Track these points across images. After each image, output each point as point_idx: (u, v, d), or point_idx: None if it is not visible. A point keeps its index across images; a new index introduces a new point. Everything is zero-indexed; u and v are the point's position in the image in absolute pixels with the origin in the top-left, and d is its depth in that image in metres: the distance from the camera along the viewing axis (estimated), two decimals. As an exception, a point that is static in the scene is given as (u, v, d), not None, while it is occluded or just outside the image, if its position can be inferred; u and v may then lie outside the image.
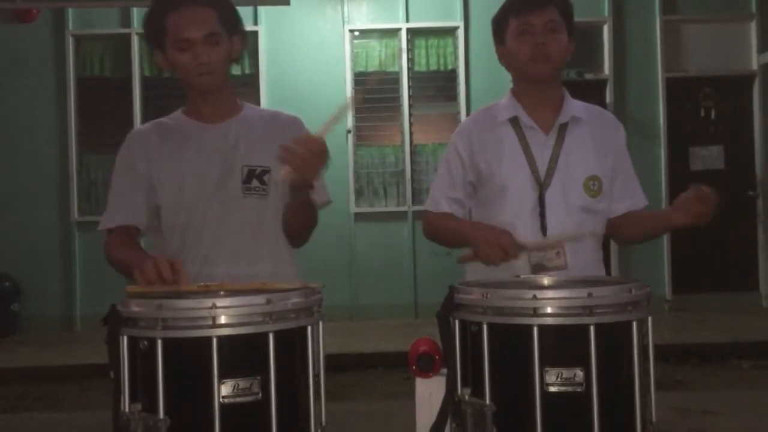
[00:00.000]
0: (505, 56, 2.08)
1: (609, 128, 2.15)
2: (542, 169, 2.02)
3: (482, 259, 1.86)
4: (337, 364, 4.78)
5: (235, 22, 2.03)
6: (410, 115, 7.53)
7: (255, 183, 1.97)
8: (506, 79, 2.18)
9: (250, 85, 7.50)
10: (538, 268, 1.95)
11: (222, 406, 1.39)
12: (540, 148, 2.04)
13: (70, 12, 7.41)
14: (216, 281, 1.75)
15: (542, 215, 2.00)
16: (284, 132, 1.99)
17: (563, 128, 2.06)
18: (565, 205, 2.01)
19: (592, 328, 1.46)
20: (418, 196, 7.44)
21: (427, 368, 1.69)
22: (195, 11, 1.91)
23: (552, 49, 2.01)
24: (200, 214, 1.95)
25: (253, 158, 1.98)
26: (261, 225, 1.99)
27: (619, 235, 2.20)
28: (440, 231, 2.10)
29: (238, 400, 1.40)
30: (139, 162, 1.99)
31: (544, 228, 2.00)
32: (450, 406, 1.57)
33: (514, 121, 2.07)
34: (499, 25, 2.08)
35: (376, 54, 7.62)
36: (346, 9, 7.53)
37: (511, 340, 1.50)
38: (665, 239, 7.51)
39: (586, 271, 1.96)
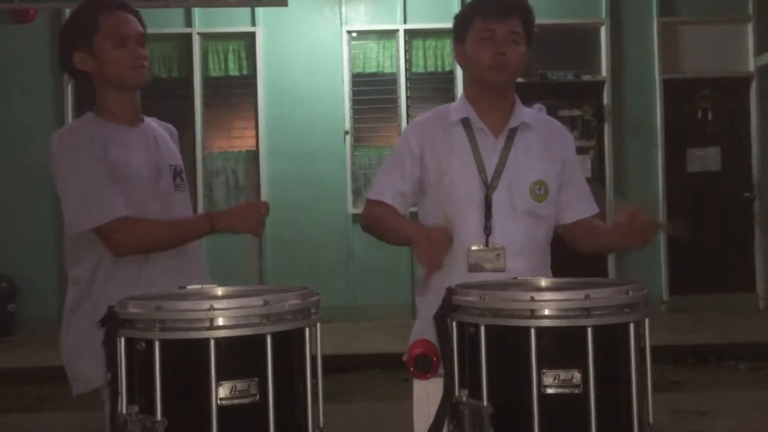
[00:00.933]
0: (463, 58, 2.12)
1: (557, 135, 2.19)
2: (490, 171, 2.06)
3: (422, 258, 1.87)
4: (334, 365, 4.78)
5: (145, 26, 2.14)
6: (408, 116, 7.53)
7: (178, 180, 2.11)
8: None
9: (247, 86, 7.50)
10: (476, 269, 2.00)
11: (219, 407, 1.39)
12: (489, 150, 2.08)
13: (67, 12, 7.40)
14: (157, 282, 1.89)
15: (487, 217, 2.03)
16: (173, 137, 2.21)
17: (512, 132, 2.10)
18: (510, 208, 2.05)
19: (589, 329, 1.46)
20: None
21: (425, 370, 1.69)
22: (127, 15, 2.05)
23: (511, 59, 2.05)
24: (143, 213, 2.01)
25: (172, 158, 2.13)
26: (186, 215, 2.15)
27: (574, 245, 2.20)
28: (379, 224, 2.10)
29: (236, 401, 1.40)
30: (102, 157, 2.00)
31: (488, 229, 2.03)
32: (448, 407, 1.57)
33: (465, 122, 2.10)
34: (461, 25, 2.11)
35: (373, 55, 7.62)
36: (343, 10, 7.53)
37: (509, 341, 1.50)
38: (662, 240, 7.52)
39: (528, 275, 1.94)
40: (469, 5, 2.13)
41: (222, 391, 1.39)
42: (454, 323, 1.58)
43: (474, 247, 2.02)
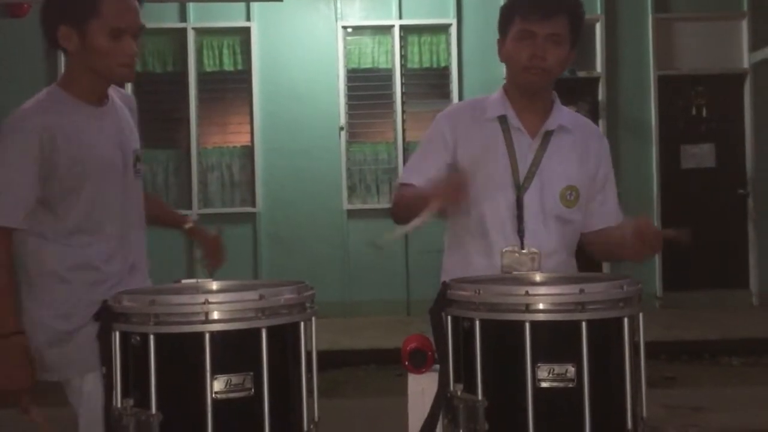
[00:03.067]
0: (503, 54, 2.06)
1: (593, 140, 2.13)
2: (522, 172, 2.01)
3: (444, 201, 1.82)
4: (329, 360, 4.78)
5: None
6: (403, 112, 7.53)
7: (138, 166, 2.03)
8: (499, 76, 2.16)
9: (242, 81, 7.48)
10: (509, 270, 1.94)
11: (214, 401, 1.39)
12: (523, 151, 2.02)
13: (62, 7, 7.37)
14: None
15: (519, 218, 1.98)
16: (132, 112, 2.09)
17: (548, 135, 2.05)
18: (541, 211, 2.00)
19: (583, 324, 1.46)
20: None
21: (420, 364, 1.70)
22: (132, 2, 1.92)
23: (549, 62, 1.98)
24: (107, 201, 1.92)
25: (135, 141, 2.04)
26: (141, 204, 2.07)
27: (591, 251, 2.16)
28: (402, 200, 2.03)
29: (231, 395, 1.40)
30: (45, 146, 1.85)
31: (521, 231, 1.98)
32: (442, 401, 1.57)
33: (502, 120, 2.05)
34: (504, 20, 2.05)
35: (369, 51, 7.61)
36: (339, 5, 7.52)
37: (504, 336, 1.50)
38: (656, 237, 7.53)
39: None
40: (513, 1, 2.05)
41: (217, 385, 1.39)
42: (449, 317, 1.58)
43: (508, 249, 1.96)
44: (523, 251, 1.96)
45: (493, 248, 1.97)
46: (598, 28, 7.61)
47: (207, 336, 1.39)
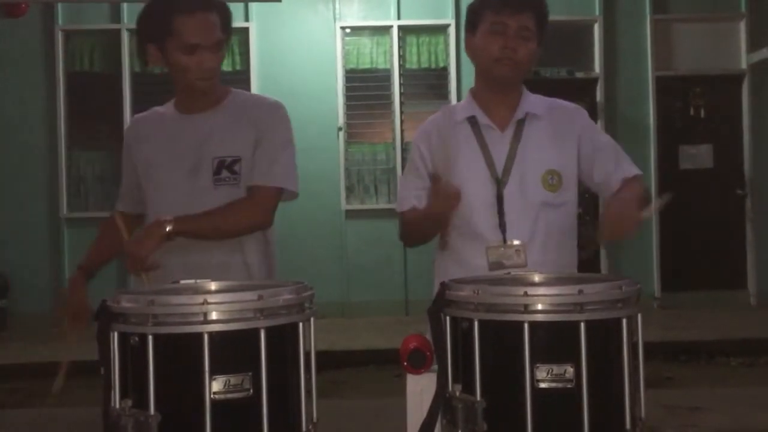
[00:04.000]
0: (472, 49, 2.09)
1: (567, 117, 2.12)
2: (499, 166, 2.03)
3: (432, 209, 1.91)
4: (327, 361, 4.78)
5: (230, 26, 2.09)
6: (401, 112, 7.54)
7: (225, 173, 2.01)
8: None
9: (241, 81, 7.47)
10: (496, 266, 1.97)
11: (213, 402, 1.39)
12: (497, 146, 2.05)
13: (60, 7, 7.37)
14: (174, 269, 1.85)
15: (500, 213, 2.00)
16: (260, 118, 2.06)
17: (520, 124, 2.07)
18: (523, 201, 2.02)
19: (582, 324, 1.46)
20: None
21: (419, 365, 1.69)
22: (205, 17, 1.96)
23: (520, 55, 2.02)
24: (168, 203, 2.00)
25: (225, 148, 2.02)
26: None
27: None
28: (410, 226, 2.11)
29: (230, 396, 1.40)
30: (130, 147, 2.16)
31: (503, 225, 2.00)
32: (441, 402, 1.57)
33: (472, 121, 2.08)
34: (474, 14, 2.08)
35: (367, 51, 7.61)
36: (337, 6, 7.52)
37: (502, 336, 1.50)
38: (654, 237, 7.55)
39: (552, 267, 1.96)
40: None
41: (215, 386, 1.39)
42: (447, 318, 1.58)
43: (492, 245, 1.99)
44: (507, 245, 1.98)
45: (479, 246, 2.01)
46: (597, 29, 7.62)
47: (206, 336, 1.39)
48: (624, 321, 1.51)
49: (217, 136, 2.04)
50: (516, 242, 1.98)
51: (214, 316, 1.40)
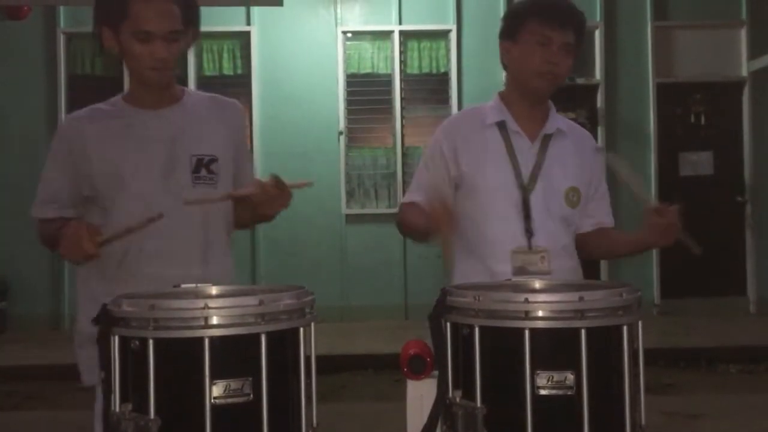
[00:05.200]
0: (511, 57, 2.07)
1: (588, 145, 2.18)
2: (526, 174, 2.04)
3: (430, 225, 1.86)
4: (327, 365, 4.77)
5: (196, 17, 2.00)
6: (402, 117, 7.54)
7: (203, 172, 1.95)
8: (499, 82, 2.19)
9: (242, 85, 7.49)
10: (520, 272, 1.97)
11: (213, 406, 1.38)
12: (525, 154, 2.06)
13: (62, 10, 7.39)
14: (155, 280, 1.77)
15: (527, 217, 2.01)
16: (229, 118, 2.05)
17: (547, 138, 2.09)
18: (545, 212, 2.03)
19: (583, 331, 1.46)
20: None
21: (419, 370, 1.70)
22: (163, 5, 1.89)
23: (561, 70, 2.04)
24: (146, 205, 1.88)
25: (200, 147, 1.97)
26: (212, 215, 1.97)
27: (586, 252, 2.16)
28: (404, 222, 2.10)
29: (230, 400, 1.40)
30: (71, 150, 1.97)
31: (529, 231, 2.01)
32: (441, 408, 1.57)
33: (501, 125, 2.08)
34: (516, 20, 2.05)
35: (368, 56, 7.63)
36: (339, 10, 7.54)
37: (503, 343, 1.50)
38: (654, 244, 7.54)
39: (570, 276, 2.00)
40: (525, 4, 2.06)
41: (216, 390, 1.39)
42: (448, 324, 1.58)
43: (516, 250, 1.99)
44: (532, 250, 1.98)
45: (502, 250, 2.00)
46: (597, 36, 7.64)
47: (206, 341, 1.39)
48: (625, 328, 1.51)
49: (191, 133, 1.97)
50: (542, 247, 1.98)
51: (214, 320, 1.40)
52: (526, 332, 1.46)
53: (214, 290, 1.63)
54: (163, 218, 1.79)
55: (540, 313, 1.48)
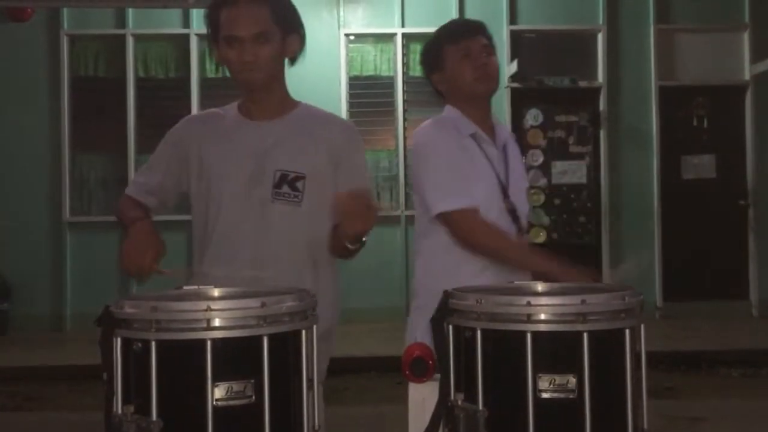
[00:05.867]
0: (444, 81, 2.23)
1: (515, 144, 2.36)
2: (503, 180, 2.19)
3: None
4: (328, 367, 4.77)
5: (292, 21, 2.02)
6: (404, 119, 7.55)
7: (285, 188, 1.92)
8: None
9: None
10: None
11: (215, 408, 1.38)
12: (496, 161, 2.20)
13: (65, 12, 7.40)
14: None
15: (515, 219, 2.17)
16: (332, 137, 1.99)
17: (504, 145, 2.25)
18: (523, 213, 2.21)
19: (585, 335, 1.46)
20: (411, 200, 7.45)
21: (421, 373, 1.70)
22: (248, 8, 1.91)
23: (492, 68, 2.19)
24: (223, 212, 1.93)
25: (289, 162, 1.93)
26: (289, 232, 1.93)
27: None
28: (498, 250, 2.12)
29: (232, 402, 1.40)
30: (178, 144, 2.04)
31: (521, 230, 2.17)
32: (443, 411, 1.57)
33: (475, 137, 2.20)
34: (434, 54, 2.24)
35: (371, 58, 7.63)
36: (342, 13, 7.54)
37: (505, 346, 1.50)
38: (656, 246, 7.54)
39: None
40: (435, 37, 2.26)
41: (218, 392, 1.39)
42: (450, 327, 1.58)
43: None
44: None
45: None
46: (600, 39, 7.64)
47: (209, 343, 1.39)
48: (627, 331, 1.51)
49: (282, 148, 1.95)
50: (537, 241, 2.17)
51: (217, 322, 1.40)
52: (528, 335, 1.46)
53: (216, 292, 1.63)
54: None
55: (542, 316, 1.48)
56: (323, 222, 1.92)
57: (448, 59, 2.20)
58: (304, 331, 1.50)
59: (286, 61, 2.03)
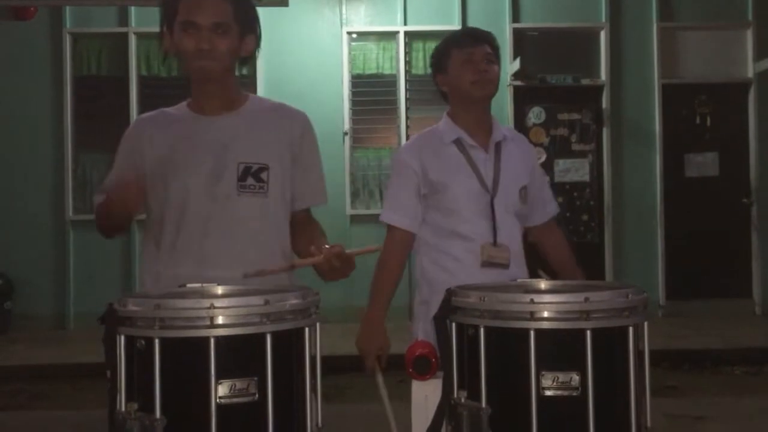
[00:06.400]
0: (447, 83, 2.40)
1: (527, 147, 2.53)
2: (488, 180, 2.34)
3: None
4: (330, 365, 4.76)
5: (251, 21, 1.99)
6: (407, 117, 7.54)
7: (250, 180, 1.92)
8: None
9: (247, 86, 7.49)
10: (487, 262, 2.29)
11: (219, 406, 1.39)
12: (483, 163, 2.35)
13: (68, 10, 7.40)
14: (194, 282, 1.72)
15: (493, 218, 2.32)
16: (288, 127, 2.01)
17: (498, 146, 2.39)
18: (506, 211, 2.34)
19: (588, 332, 1.46)
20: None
21: (424, 371, 1.70)
22: (210, 0, 1.89)
23: (491, 75, 2.34)
24: (189, 210, 1.90)
25: (251, 154, 1.94)
26: (258, 223, 1.94)
27: (537, 241, 2.55)
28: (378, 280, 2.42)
29: (235, 400, 1.40)
30: (134, 148, 2.02)
31: (495, 229, 2.31)
32: (446, 408, 1.57)
33: (458, 142, 2.36)
34: (440, 56, 2.41)
35: (373, 56, 7.63)
36: (344, 11, 7.54)
37: (508, 343, 1.50)
38: (659, 245, 7.53)
39: (519, 260, 2.36)
40: (444, 42, 2.43)
41: (221, 390, 1.39)
42: (453, 324, 1.58)
43: (485, 244, 2.30)
44: (497, 245, 2.31)
45: (470, 246, 2.30)
46: (603, 37, 7.62)
47: (212, 341, 1.39)
48: (630, 329, 1.51)
49: (242, 141, 1.94)
50: (504, 243, 2.32)
51: (220, 320, 1.41)
52: (532, 333, 1.46)
53: (219, 290, 1.63)
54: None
55: (545, 314, 1.48)
56: (287, 211, 1.99)
57: (452, 62, 2.35)
58: (307, 329, 1.51)
59: (237, 63, 1.99)
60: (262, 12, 7.41)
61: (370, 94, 7.54)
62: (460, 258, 2.30)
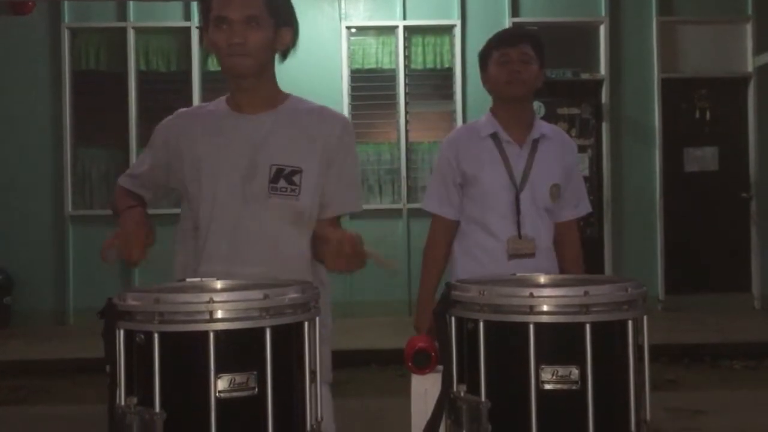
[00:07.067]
0: (487, 81, 2.53)
1: (567, 147, 2.59)
2: (518, 175, 2.44)
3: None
4: (331, 360, 4.76)
5: (286, 13, 1.93)
6: (406, 112, 7.54)
7: (282, 183, 1.87)
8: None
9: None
10: (513, 253, 2.41)
11: (218, 400, 1.39)
12: (516, 158, 2.46)
13: (66, 5, 7.39)
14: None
15: (518, 212, 2.42)
16: (326, 131, 1.93)
17: (535, 143, 2.48)
18: (534, 206, 2.44)
19: (588, 326, 1.46)
20: (413, 193, 7.45)
21: (423, 365, 1.70)
22: None
23: (525, 75, 2.43)
24: (218, 208, 1.88)
25: (284, 157, 1.88)
26: (286, 226, 1.89)
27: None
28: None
29: (235, 394, 1.40)
30: (166, 144, 1.98)
31: (518, 223, 2.41)
32: (446, 402, 1.57)
33: (494, 136, 2.48)
34: (483, 56, 2.54)
35: (372, 51, 7.61)
36: (343, 6, 7.52)
37: (507, 337, 1.50)
38: (658, 239, 7.54)
39: (548, 254, 2.47)
40: (488, 41, 2.54)
41: (221, 384, 1.39)
42: (452, 318, 1.58)
43: (510, 237, 2.42)
44: (522, 238, 2.42)
45: (497, 237, 2.43)
46: (602, 31, 7.61)
47: (211, 335, 1.39)
48: (630, 323, 1.51)
49: (276, 142, 1.89)
50: (530, 235, 2.42)
51: (219, 314, 1.40)
52: (531, 327, 1.46)
53: (219, 284, 1.63)
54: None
55: (545, 308, 1.48)
56: (310, 229, 1.92)
57: (491, 62, 2.48)
58: (306, 323, 1.51)
59: (277, 57, 1.94)
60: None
61: (370, 88, 7.52)
62: (488, 249, 2.43)
